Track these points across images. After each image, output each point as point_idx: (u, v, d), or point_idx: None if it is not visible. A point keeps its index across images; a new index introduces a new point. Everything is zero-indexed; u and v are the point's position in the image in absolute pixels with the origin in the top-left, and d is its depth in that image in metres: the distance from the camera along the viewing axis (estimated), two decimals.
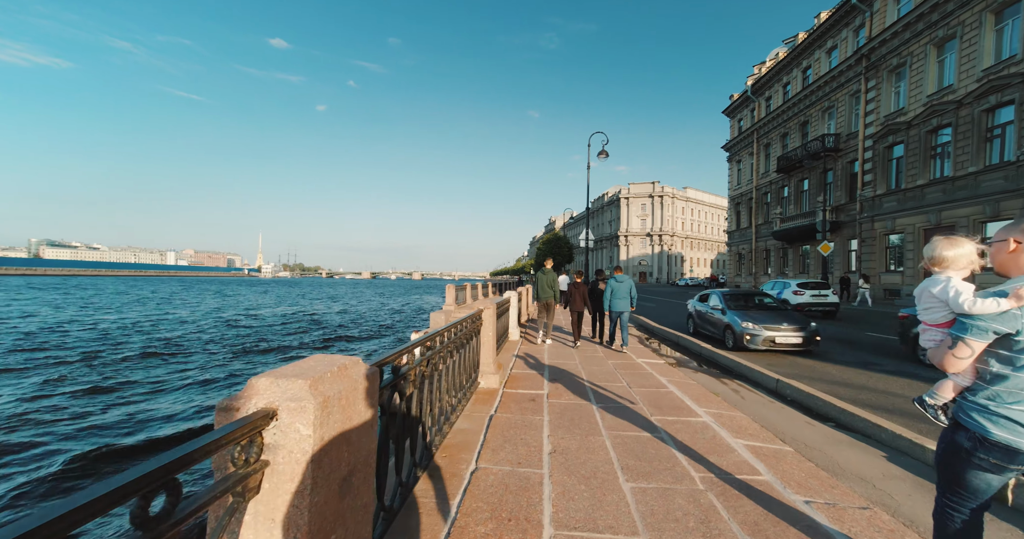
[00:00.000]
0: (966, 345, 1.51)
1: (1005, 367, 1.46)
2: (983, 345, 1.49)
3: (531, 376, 5.69)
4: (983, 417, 1.49)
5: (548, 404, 4.43)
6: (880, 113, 20.75)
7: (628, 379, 5.57)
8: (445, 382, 3.40)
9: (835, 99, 24.34)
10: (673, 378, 5.65)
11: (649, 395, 4.79)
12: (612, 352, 7.69)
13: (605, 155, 19.09)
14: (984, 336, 1.48)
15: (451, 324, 3.97)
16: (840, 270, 23.86)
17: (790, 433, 3.77)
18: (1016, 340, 1.42)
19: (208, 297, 48.22)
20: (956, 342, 1.53)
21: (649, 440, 3.45)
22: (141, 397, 9.48)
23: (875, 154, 20.95)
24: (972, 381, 1.56)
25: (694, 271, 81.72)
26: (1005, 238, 1.51)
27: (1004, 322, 1.44)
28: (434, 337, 3.04)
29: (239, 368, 12.79)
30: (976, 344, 1.50)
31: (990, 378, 1.50)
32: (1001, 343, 1.47)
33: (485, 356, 5.11)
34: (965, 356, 1.52)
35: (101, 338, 17.42)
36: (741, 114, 36.67)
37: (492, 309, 5.27)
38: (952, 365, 1.56)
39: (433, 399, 3.04)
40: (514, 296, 9.05)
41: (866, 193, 21.52)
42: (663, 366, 6.49)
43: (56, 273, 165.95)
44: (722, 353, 7.32)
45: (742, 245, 36.76)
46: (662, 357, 7.56)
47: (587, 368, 6.25)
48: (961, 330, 1.53)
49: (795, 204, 28.81)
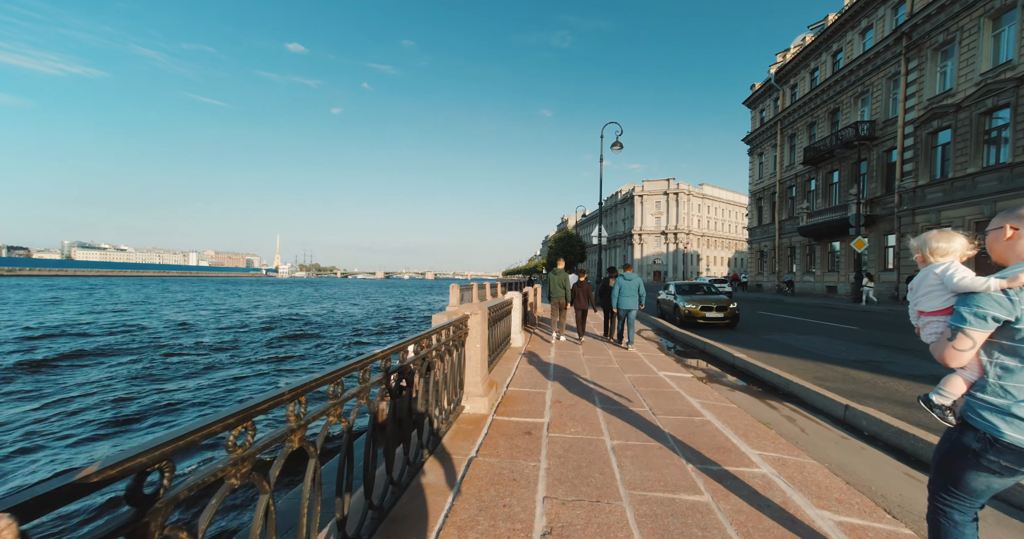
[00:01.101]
0: (966, 336, 1.42)
1: (1011, 359, 1.37)
2: (984, 335, 1.41)
3: (530, 396, 4.66)
4: (995, 416, 1.39)
5: (548, 440, 3.39)
6: (923, 96, 18.96)
7: (651, 401, 4.49)
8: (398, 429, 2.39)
9: (870, 83, 22.52)
10: (707, 400, 4.54)
11: (681, 426, 3.70)
12: (625, 359, 6.60)
13: (619, 147, 17.94)
14: (984, 325, 1.39)
15: (421, 335, 2.98)
16: (876, 268, 22.07)
17: (892, 496, 2.64)
18: (1017, 328, 1.35)
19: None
20: (956, 333, 1.44)
21: (690, 510, 2.38)
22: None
23: (917, 141, 19.17)
24: (979, 376, 1.47)
25: (711, 270, 79.27)
26: (1001, 225, 1.46)
27: (1002, 309, 1.36)
28: (394, 352, 2.05)
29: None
30: (977, 334, 1.41)
31: (997, 372, 1.41)
32: (1003, 333, 1.39)
33: (472, 374, 4.10)
34: (966, 348, 1.43)
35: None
36: (763, 104, 34.78)
37: (482, 314, 4.26)
38: (954, 359, 1.47)
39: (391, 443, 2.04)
40: (517, 297, 8.02)
41: (906, 184, 19.74)
42: (691, 382, 5.38)
43: (86, 274, 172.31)
44: (771, 369, 6.14)
45: (764, 242, 34.89)
46: (688, 369, 6.43)
47: (600, 382, 5.19)
48: (959, 320, 1.44)
49: (823, 198, 26.98)
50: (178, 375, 11.65)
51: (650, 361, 6.73)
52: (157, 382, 10.89)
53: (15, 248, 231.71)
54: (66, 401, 9.05)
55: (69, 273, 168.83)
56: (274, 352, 15.41)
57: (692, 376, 5.81)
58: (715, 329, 11.39)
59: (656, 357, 7.08)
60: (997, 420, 1.38)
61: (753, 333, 10.75)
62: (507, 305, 7.22)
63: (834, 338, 9.82)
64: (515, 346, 7.87)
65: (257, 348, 16.10)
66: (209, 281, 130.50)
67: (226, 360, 13.82)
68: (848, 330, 11.07)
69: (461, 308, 4.27)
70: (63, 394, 9.54)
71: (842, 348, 8.52)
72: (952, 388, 1.54)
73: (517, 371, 5.88)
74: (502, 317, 6.72)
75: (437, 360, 3.16)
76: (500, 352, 6.51)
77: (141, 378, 11.23)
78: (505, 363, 6.32)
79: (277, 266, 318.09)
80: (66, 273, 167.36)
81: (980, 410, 1.43)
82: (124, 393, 9.73)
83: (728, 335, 10.28)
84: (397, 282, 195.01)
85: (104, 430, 7.58)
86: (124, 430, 7.68)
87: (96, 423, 7.84)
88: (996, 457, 1.38)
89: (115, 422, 7.95)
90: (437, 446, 3.16)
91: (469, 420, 3.81)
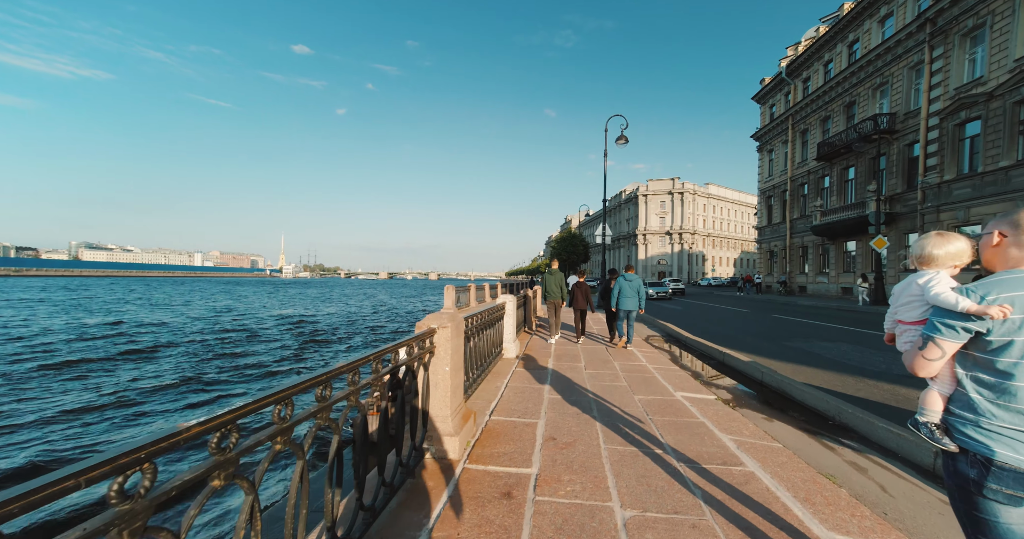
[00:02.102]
0: (936, 345, 1.38)
1: (986, 373, 1.32)
2: (955, 345, 1.36)
3: (518, 430, 3.70)
4: (979, 433, 1.31)
5: (534, 508, 2.42)
6: (949, 85, 17.80)
7: (671, 437, 3.52)
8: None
9: (889, 74, 21.35)
10: (742, 436, 3.57)
11: (717, 483, 2.72)
12: (634, 375, 5.62)
13: (624, 141, 17.00)
14: (955, 335, 1.35)
15: (356, 361, 2.04)
16: (895, 268, 20.89)
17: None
18: (988, 340, 1.29)
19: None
20: (926, 342, 1.41)
21: None
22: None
23: (942, 133, 18.01)
24: (952, 388, 1.43)
25: (716, 270, 77.90)
26: (991, 231, 1.41)
27: (973, 320, 1.30)
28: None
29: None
30: (947, 344, 1.37)
31: (973, 385, 1.35)
32: (976, 344, 1.33)
33: (439, 406, 3.15)
34: (935, 358, 1.40)
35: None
36: (773, 99, 33.59)
37: (454, 327, 3.32)
38: (922, 368, 1.44)
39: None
40: (510, 301, 7.06)
41: (930, 179, 18.57)
42: (716, 407, 4.40)
43: (92, 274, 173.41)
44: (815, 392, 5.15)
45: (774, 242, 33.68)
46: (708, 387, 5.44)
47: (605, 405, 4.22)
48: (931, 329, 1.40)
49: (838, 195, 25.80)
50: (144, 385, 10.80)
51: (663, 376, 5.76)
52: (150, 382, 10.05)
53: (24, 249, 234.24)
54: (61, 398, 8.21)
55: (75, 273, 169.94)
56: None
57: (716, 398, 4.83)
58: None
59: (669, 371, 6.10)
60: (983, 437, 1.30)
61: (772, 340, 9.74)
62: (497, 311, 6.27)
63: (863, 345, 8.80)
64: (508, 357, 6.92)
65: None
66: (209, 281, 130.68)
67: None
68: (877, 337, 10.02)
69: (428, 321, 3.33)
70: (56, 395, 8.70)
71: (879, 358, 7.50)
72: (929, 404, 1.49)
73: (506, 391, 4.93)
74: (490, 325, 5.77)
75: (379, 400, 2.22)
76: (488, 367, 5.56)
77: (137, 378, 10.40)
78: (493, 380, 5.37)
79: (281, 267, 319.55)
80: (72, 273, 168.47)
81: (961, 427, 1.37)
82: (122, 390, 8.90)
83: (747, 342, 9.27)
84: (400, 282, 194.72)
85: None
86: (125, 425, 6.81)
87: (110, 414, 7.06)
88: (997, 484, 1.25)
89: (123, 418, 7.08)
90: (375, 523, 2.21)
91: (432, 472, 2.86)
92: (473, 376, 4.71)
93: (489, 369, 5.70)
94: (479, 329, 4.97)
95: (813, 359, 7.46)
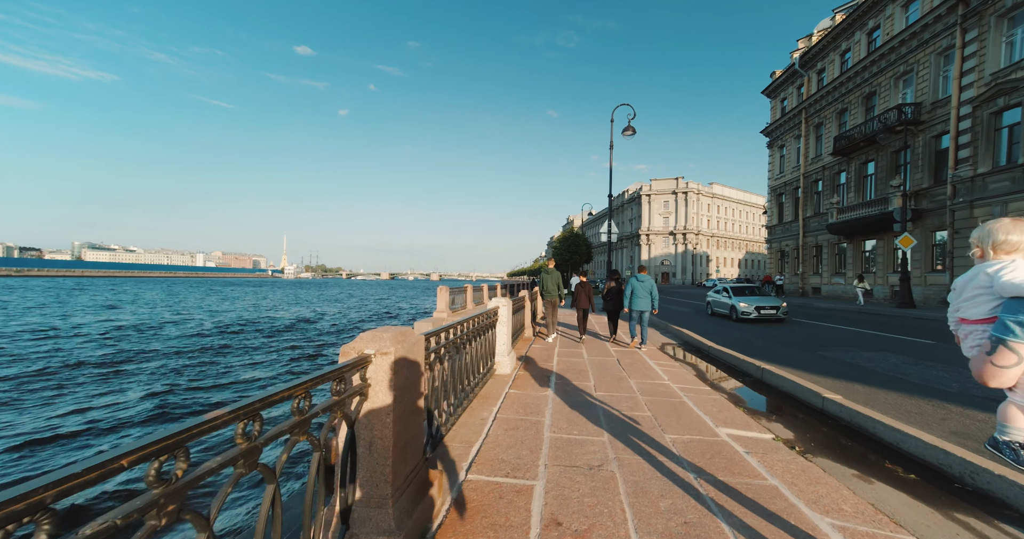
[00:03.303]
0: (1008, 349, 1.16)
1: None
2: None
3: (504, 499, 2.46)
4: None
5: None
6: (984, 71, 16.49)
7: (738, 514, 2.30)
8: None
9: (915, 61, 20.04)
10: (844, 516, 2.34)
11: None
12: (660, 402, 4.39)
13: (631, 131, 15.84)
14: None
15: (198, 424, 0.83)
16: (921, 268, 19.56)
17: None
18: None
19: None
20: (996, 346, 1.19)
21: None
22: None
23: (976, 122, 16.70)
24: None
25: (720, 271, 76.52)
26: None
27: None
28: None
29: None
30: (1023, 348, 1.15)
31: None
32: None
33: (374, 482, 1.95)
34: (1009, 364, 1.17)
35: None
36: (785, 93, 32.28)
37: (406, 350, 2.13)
38: (994, 377, 1.22)
39: None
40: (504, 306, 5.84)
41: (962, 172, 17.26)
42: (782, 455, 3.18)
43: (94, 274, 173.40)
44: (920, 436, 3.91)
45: (785, 241, 32.35)
46: (757, 419, 4.22)
47: (628, 458, 2.99)
48: (1002, 330, 1.18)
49: (856, 191, 24.48)
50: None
51: (694, 401, 4.54)
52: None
53: (28, 249, 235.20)
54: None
55: (77, 273, 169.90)
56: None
57: (773, 437, 3.61)
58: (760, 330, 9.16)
59: (700, 394, 4.87)
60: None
61: (805, 349, 8.50)
62: (487, 318, 5.06)
63: (911, 355, 7.60)
64: (501, 373, 5.71)
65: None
66: (207, 282, 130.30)
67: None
68: (924, 345, 8.77)
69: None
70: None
71: (942, 373, 6.28)
72: (1011, 419, 1.29)
73: (495, 425, 3.72)
74: (478, 335, 4.57)
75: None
76: (473, 390, 4.36)
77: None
78: (479, 408, 4.16)
79: (283, 267, 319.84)
80: (73, 273, 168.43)
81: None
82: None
83: (777, 352, 8.03)
84: (402, 283, 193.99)
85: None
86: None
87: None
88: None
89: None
90: None
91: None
92: (449, 408, 3.51)
93: (475, 392, 4.49)
94: (459, 345, 3.77)
95: (863, 374, 6.23)
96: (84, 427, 7.88)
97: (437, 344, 3.08)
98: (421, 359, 2.44)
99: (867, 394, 5.20)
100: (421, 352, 2.44)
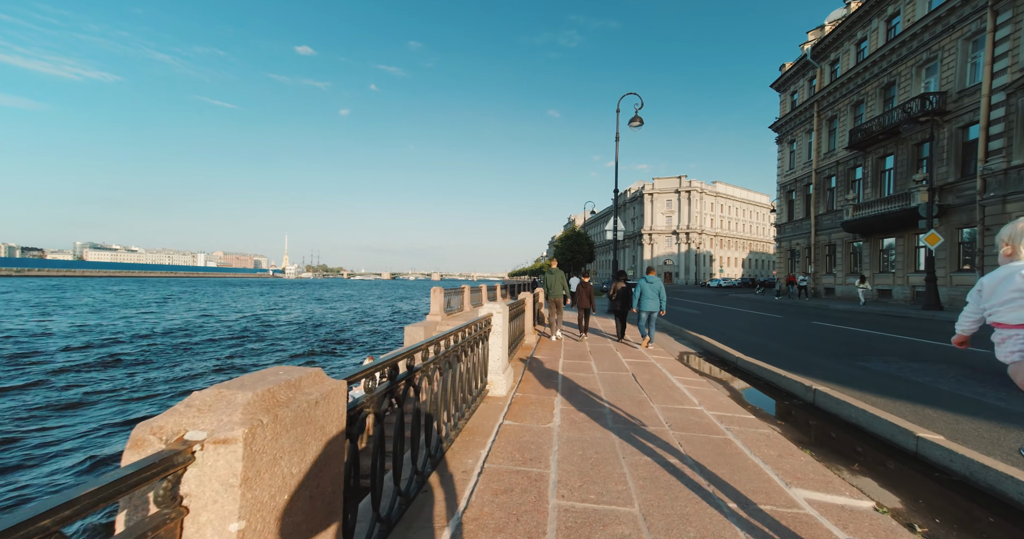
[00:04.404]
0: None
1: None
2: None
3: None
4: None
5: None
6: (1018, 56, 15.37)
7: None
8: None
9: (939, 48, 18.92)
10: None
11: None
12: (696, 436, 3.31)
13: (639, 122, 14.84)
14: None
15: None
16: (947, 269, 18.44)
17: None
18: None
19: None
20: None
21: None
22: None
23: (1009, 111, 15.58)
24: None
25: (724, 271, 75.34)
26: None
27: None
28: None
29: None
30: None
31: None
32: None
33: None
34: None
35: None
36: (795, 85, 31.15)
37: (272, 426, 1.07)
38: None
39: None
40: (500, 313, 4.79)
41: (993, 165, 16.14)
42: (890, 535, 2.14)
43: (96, 274, 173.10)
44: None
45: (796, 240, 31.22)
46: (837, 471, 3.17)
47: (660, 523, 1.97)
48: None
49: (873, 187, 23.36)
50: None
51: (748, 443, 3.47)
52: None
53: (29, 249, 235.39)
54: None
55: (78, 273, 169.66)
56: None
57: (873, 505, 2.55)
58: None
59: (747, 427, 3.81)
60: None
61: (840, 358, 7.42)
62: (478, 330, 4.02)
63: (960, 365, 6.61)
64: (495, 394, 4.66)
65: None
66: (207, 282, 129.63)
67: None
68: (976, 354, 7.68)
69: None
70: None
71: (1012, 390, 5.20)
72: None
73: (480, 486, 2.65)
74: (463, 351, 3.52)
75: None
76: (454, 430, 3.31)
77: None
78: (464, 451, 3.09)
79: (284, 267, 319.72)
80: (74, 273, 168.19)
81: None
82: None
83: (809, 362, 6.93)
84: (403, 283, 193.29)
85: None
86: None
87: None
88: None
89: None
90: None
91: None
92: (416, 465, 2.46)
93: (460, 427, 3.44)
94: (440, 367, 2.72)
95: (920, 392, 5.18)
96: None
97: (389, 382, 2.03)
98: (339, 420, 1.40)
99: (948, 424, 4.13)
100: (337, 409, 1.40)
